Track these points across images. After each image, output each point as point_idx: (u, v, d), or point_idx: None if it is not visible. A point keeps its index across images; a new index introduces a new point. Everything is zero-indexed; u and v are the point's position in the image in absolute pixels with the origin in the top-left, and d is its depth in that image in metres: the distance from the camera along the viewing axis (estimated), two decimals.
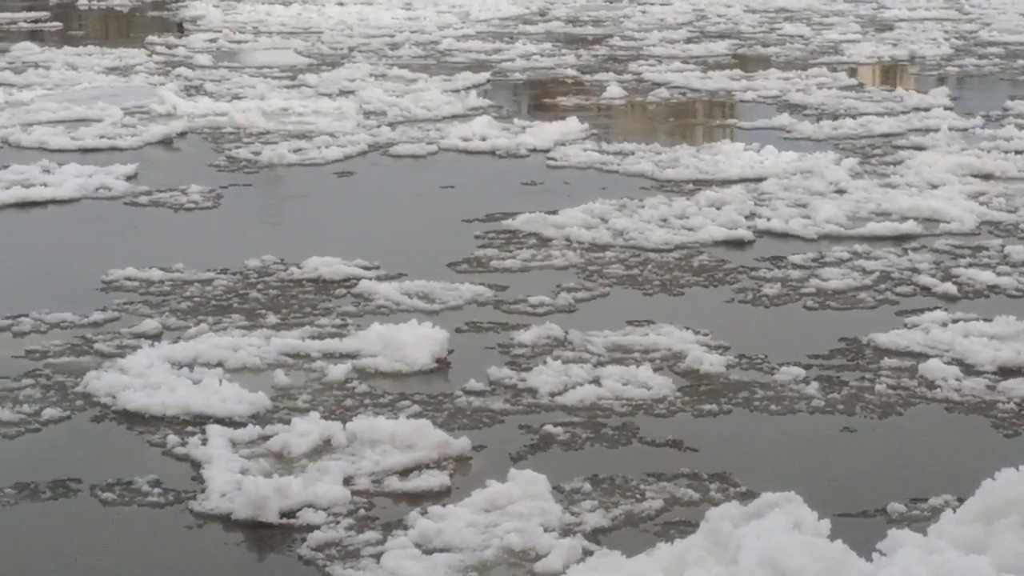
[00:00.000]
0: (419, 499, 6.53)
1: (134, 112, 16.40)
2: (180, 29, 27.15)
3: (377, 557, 5.94)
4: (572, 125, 14.93)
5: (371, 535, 6.16)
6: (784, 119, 15.50)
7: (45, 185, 12.45)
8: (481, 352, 8.45)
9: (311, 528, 6.24)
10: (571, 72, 20.34)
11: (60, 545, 6.21)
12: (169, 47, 23.25)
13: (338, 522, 6.29)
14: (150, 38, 24.52)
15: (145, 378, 7.77)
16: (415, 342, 8.20)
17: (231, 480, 6.65)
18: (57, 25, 28.07)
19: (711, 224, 10.75)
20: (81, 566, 6.07)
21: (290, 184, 13.20)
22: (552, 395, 7.73)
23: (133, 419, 7.42)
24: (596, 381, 7.89)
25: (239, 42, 24.27)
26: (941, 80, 19.36)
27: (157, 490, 6.62)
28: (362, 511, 6.40)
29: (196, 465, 6.86)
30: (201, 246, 10.67)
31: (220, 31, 25.57)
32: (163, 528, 6.36)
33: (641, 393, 7.74)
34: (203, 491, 6.58)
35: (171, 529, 6.35)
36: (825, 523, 5.58)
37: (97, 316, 8.95)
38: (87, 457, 7.04)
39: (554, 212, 11.30)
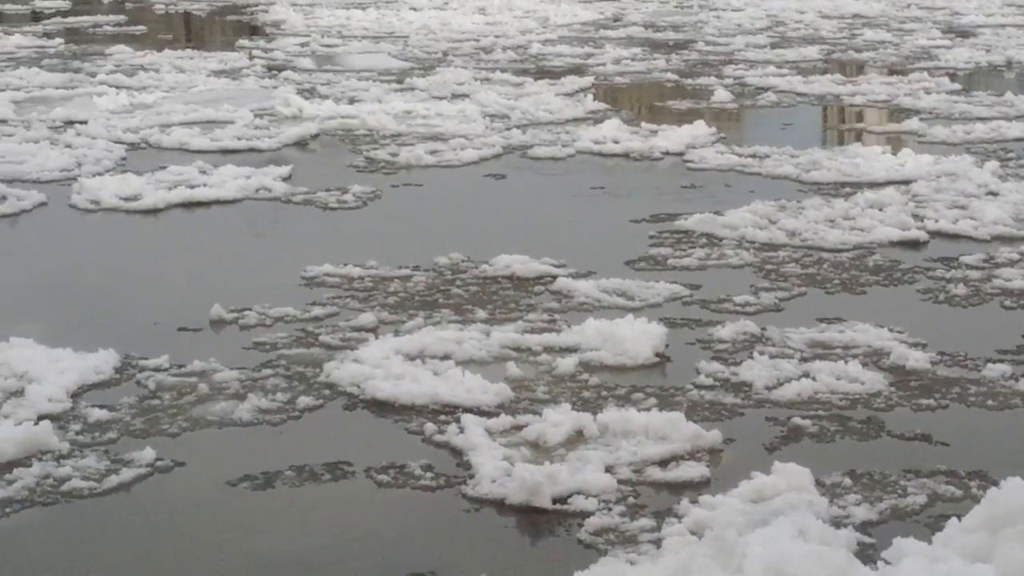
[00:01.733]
0: (681, 489, 6.79)
1: (262, 114, 16.73)
2: (255, 32, 27.46)
3: (656, 543, 6.17)
4: (700, 128, 15.21)
5: (645, 522, 6.42)
6: (914, 123, 15.76)
7: (206, 186, 12.78)
8: (683, 347, 8.73)
9: (585, 514, 6.51)
10: (670, 76, 20.64)
11: (340, 523, 6.54)
12: (265, 51, 23.57)
13: (610, 509, 6.56)
14: (241, 42, 24.88)
15: (385, 369, 8.08)
16: (635, 337, 8.50)
17: (499, 467, 6.94)
18: (141, 28, 28.45)
19: (881, 225, 11.03)
20: (360, 543, 6.38)
21: (446, 185, 13.49)
22: (768, 389, 8.02)
23: (383, 408, 7.75)
24: (808, 376, 8.17)
25: (329, 46, 24.59)
26: None
27: (429, 474, 6.94)
28: (631, 499, 6.67)
29: (458, 452, 7.17)
30: (385, 244, 10.96)
31: (308, 35, 25.93)
32: (437, 510, 6.68)
33: (855, 388, 8.00)
34: (472, 477, 6.89)
35: (445, 511, 6.66)
36: (830, 530, 5.68)
37: (317, 311, 9.27)
38: (352, 442, 7.36)
39: (718, 212, 11.63)
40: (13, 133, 15.46)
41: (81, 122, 16.01)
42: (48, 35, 25.95)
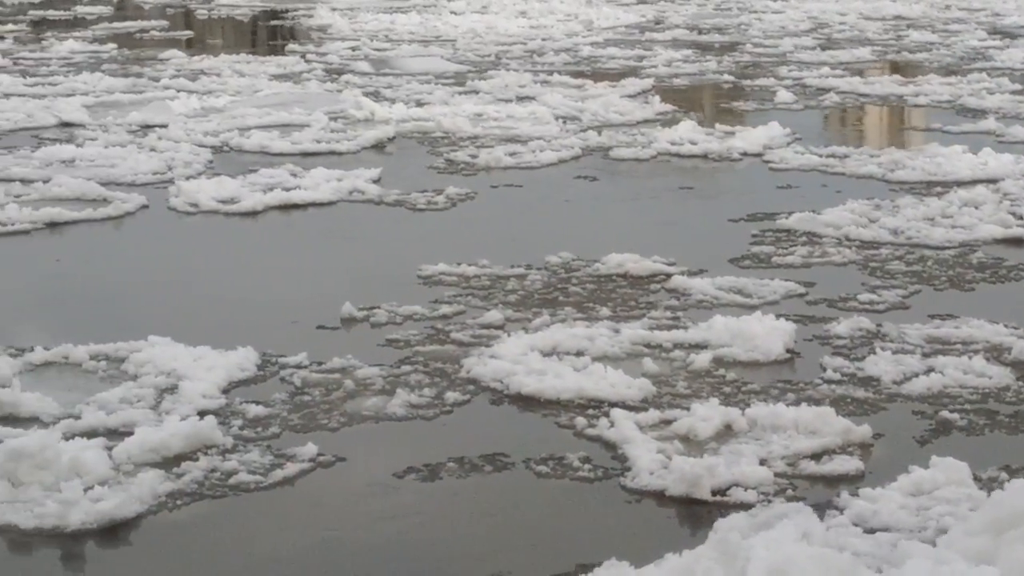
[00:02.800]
0: (836, 482, 6.91)
1: (336, 117, 16.89)
2: (301, 37, 27.62)
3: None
4: (775, 129, 15.36)
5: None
6: (991, 123, 15.90)
7: (299, 188, 12.93)
8: (802, 344, 8.85)
9: (746, 505, 6.62)
10: (726, 77, 20.80)
11: (507, 512, 6.72)
12: (318, 55, 23.74)
13: (770, 501, 6.67)
14: (291, 46, 25.05)
15: (526, 365, 8.24)
16: (765, 333, 8.65)
17: (656, 459, 7.10)
18: (188, 34, 28.64)
19: (981, 223, 11.19)
20: (528, 532, 6.53)
21: (541, 186, 13.65)
22: (896, 383, 8.16)
23: (529, 402, 7.91)
24: (933, 371, 8.31)
25: (380, 50, 24.75)
26: None
27: (587, 466, 7.10)
28: (789, 491, 6.80)
29: (611, 445, 7.33)
30: (493, 244, 11.11)
31: (357, 39, 26.10)
32: (598, 501, 6.83)
33: (984, 382, 8.14)
34: (629, 469, 7.04)
35: (606, 502, 6.82)
36: (833, 534, 5.71)
37: (445, 309, 9.45)
38: (505, 436, 7.53)
39: (814, 211, 11.79)
40: (96, 137, 15.63)
41: (161, 126, 16.19)
42: (98, 40, 26.12)
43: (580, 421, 7.58)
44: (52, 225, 11.83)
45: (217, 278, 10.65)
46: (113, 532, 6.52)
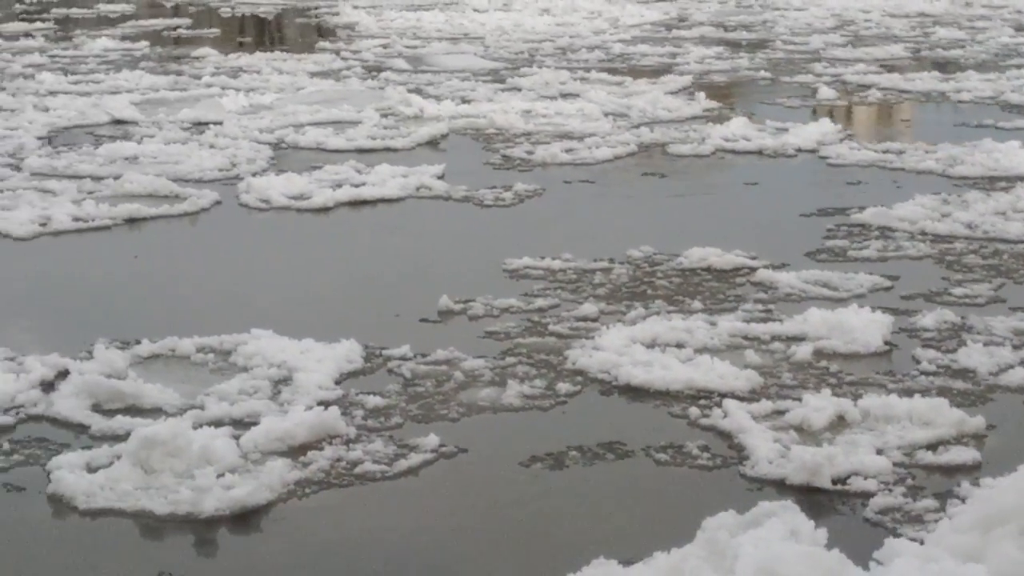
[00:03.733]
0: (954, 472, 7.02)
1: (386, 114, 16.99)
2: (328, 34, 27.72)
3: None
4: (827, 125, 15.49)
5: (928, 503, 6.64)
6: None
7: (365, 185, 13.02)
8: (892, 336, 8.98)
9: (867, 494, 6.74)
10: (763, 74, 20.91)
11: (634, 498, 6.88)
12: (352, 52, 23.82)
13: (891, 490, 6.79)
14: (321, 43, 25.14)
15: (630, 356, 8.37)
16: (863, 326, 8.78)
17: (773, 448, 7.23)
18: (214, 31, 28.72)
19: None
20: (654, 518, 6.70)
21: (609, 181, 13.76)
22: (992, 375, 8.27)
23: (639, 393, 8.05)
24: None
25: (411, 47, 24.83)
26: None
27: (706, 455, 7.24)
28: (909, 480, 6.91)
29: (726, 435, 7.46)
30: (572, 238, 11.22)
31: (386, 37, 26.21)
32: (718, 488, 6.95)
33: None
34: (747, 458, 7.17)
35: (726, 490, 6.93)
36: (822, 532, 5.71)
37: (540, 302, 9.57)
38: (621, 425, 7.66)
39: (883, 206, 11.92)
40: (154, 134, 15.74)
41: (215, 123, 16.30)
42: (129, 38, 26.19)
43: (693, 411, 7.71)
44: (131, 221, 11.95)
45: (305, 272, 10.74)
46: (245, 519, 6.65)
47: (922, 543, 5.70)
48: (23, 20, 29.78)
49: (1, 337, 8.82)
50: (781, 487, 6.91)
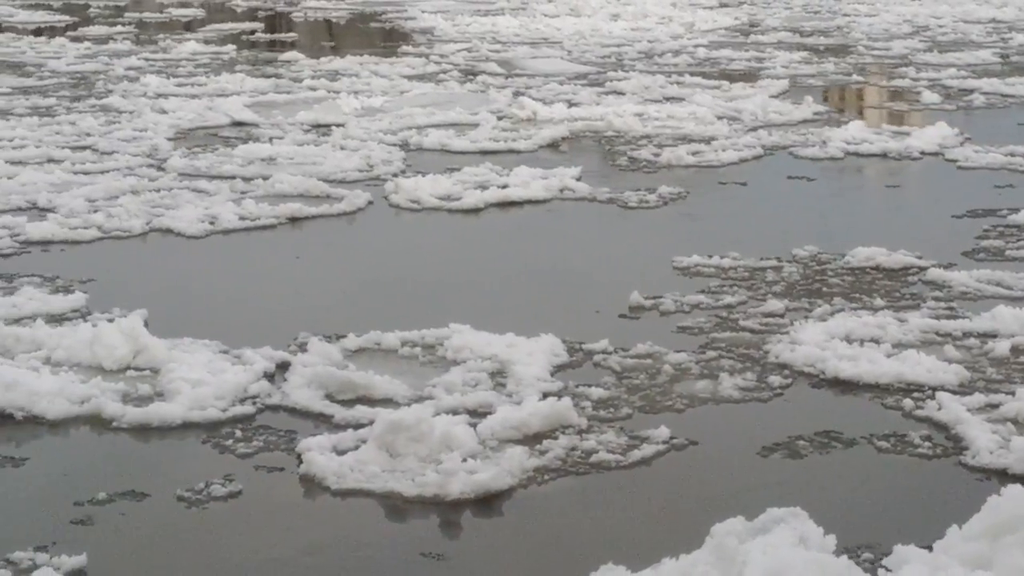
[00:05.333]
0: None
1: (501, 116, 17.22)
2: (406, 39, 27.98)
3: None
4: (946, 128, 15.68)
5: None
6: None
7: (507, 187, 13.20)
8: None
9: None
10: (855, 78, 21.11)
11: (855, 484, 7.05)
12: (441, 56, 24.05)
13: None
14: (404, 48, 25.41)
15: (833, 350, 8.57)
16: None
17: (993, 439, 7.42)
18: (292, 36, 29.00)
19: None
20: (879, 504, 6.87)
21: (763, 184, 14.03)
22: None
23: (849, 386, 8.29)
24: None
25: (495, 51, 25.05)
26: None
27: (927, 444, 7.45)
28: None
29: (942, 426, 7.66)
30: (734, 237, 11.46)
31: (467, 41, 26.44)
32: (940, 477, 7.17)
33: None
34: (967, 448, 7.37)
35: (950, 479, 7.15)
36: (831, 539, 5.76)
37: (728, 299, 9.80)
38: (840, 415, 7.88)
39: None
40: (281, 136, 15.99)
41: (336, 125, 16.55)
42: (210, 42, 26.47)
43: (907, 403, 7.91)
44: (293, 220, 12.21)
45: (480, 270, 11.02)
46: (488, 502, 6.89)
47: (931, 550, 5.74)
48: (101, 23, 30.10)
49: (210, 331, 9.07)
50: (1003, 476, 7.10)
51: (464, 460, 7.13)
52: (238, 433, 7.59)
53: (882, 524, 6.59)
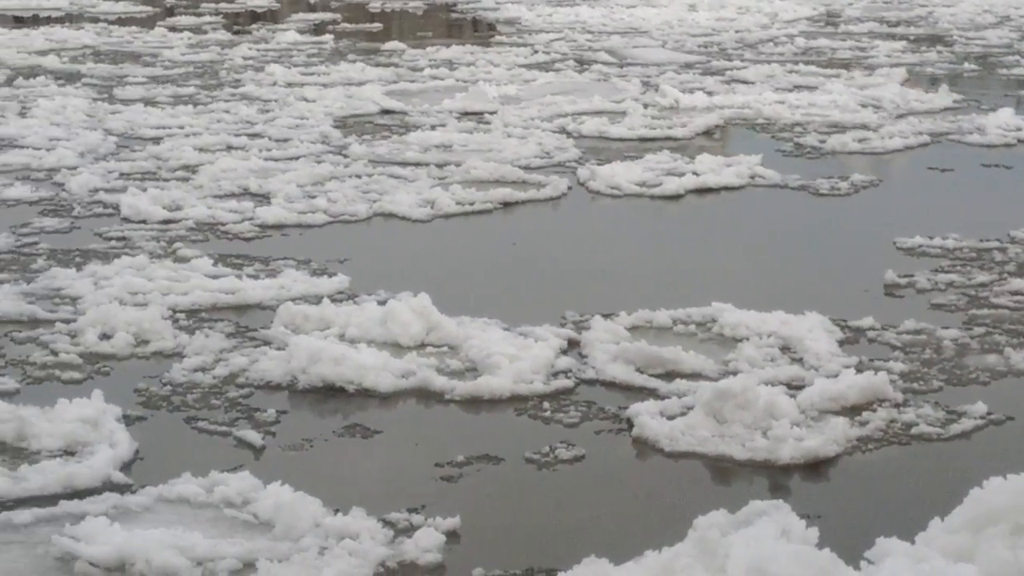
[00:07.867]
0: None
1: (647, 105, 17.45)
2: (492, 29, 28.23)
3: None
4: None
5: None
6: None
7: (695, 174, 13.35)
8: None
9: None
10: (968, 66, 21.38)
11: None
12: (545, 45, 24.23)
13: None
14: (498, 38, 25.63)
15: None
16: None
17: None
18: (377, 26, 29.23)
19: None
20: None
21: (962, 170, 14.31)
22: None
23: None
24: None
25: (590, 41, 25.25)
26: None
27: None
28: None
29: None
30: (946, 220, 11.77)
31: (559, 31, 26.67)
32: None
33: None
34: None
35: None
36: (813, 531, 5.82)
37: (982, 277, 10.13)
38: None
39: None
40: (445, 123, 16.22)
41: (489, 112, 16.80)
42: (304, 32, 26.70)
43: None
44: (506, 205, 12.48)
45: (716, 251, 11.29)
46: (815, 468, 7.23)
47: (913, 542, 5.79)
48: (182, 14, 30.32)
49: (477, 310, 9.33)
50: None
51: (791, 427, 7.44)
52: (564, 403, 7.92)
53: None
